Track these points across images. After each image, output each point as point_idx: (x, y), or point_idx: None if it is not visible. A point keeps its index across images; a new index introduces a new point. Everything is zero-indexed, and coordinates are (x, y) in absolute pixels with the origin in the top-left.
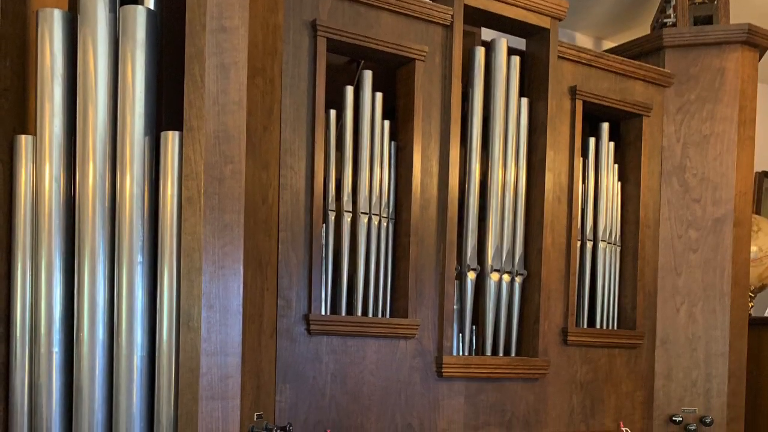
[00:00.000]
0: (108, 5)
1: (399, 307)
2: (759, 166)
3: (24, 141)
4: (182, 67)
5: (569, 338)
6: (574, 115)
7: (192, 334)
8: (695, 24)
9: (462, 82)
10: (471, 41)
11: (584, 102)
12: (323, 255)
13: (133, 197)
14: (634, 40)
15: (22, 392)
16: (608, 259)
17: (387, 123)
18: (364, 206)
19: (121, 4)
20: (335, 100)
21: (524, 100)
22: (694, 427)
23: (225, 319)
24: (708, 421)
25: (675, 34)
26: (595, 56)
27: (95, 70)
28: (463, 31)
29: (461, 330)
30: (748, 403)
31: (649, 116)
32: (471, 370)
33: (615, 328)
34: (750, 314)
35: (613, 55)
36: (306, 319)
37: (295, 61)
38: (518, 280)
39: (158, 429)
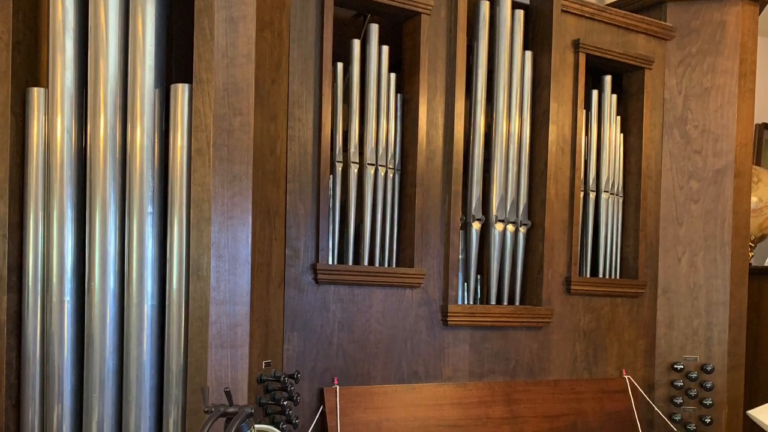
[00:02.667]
0: None
1: (405, 257)
2: (759, 118)
3: (36, 93)
4: (192, 20)
5: (572, 287)
6: (577, 68)
7: (201, 283)
8: None
9: (467, 35)
10: None
11: (587, 55)
12: (330, 205)
13: (144, 149)
14: None
15: (35, 341)
16: (611, 209)
17: (393, 76)
18: (370, 157)
19: None
20: (342, 54)
21: (528, 54)
22: (695, 375)
23: (234, 268)
24: (709, 368)
25: None
26: (598, 10)
27: (106, 23)
28: None
29: (466, 279)
30: (749, 351)
31: (650, 69)
32: (476, 319)
33: (617, 277)
34: (750, 264)
35: (615, 9)
36: (313, 268)
37: (302, 14)
38: (522, 230)
39: (168, 376)
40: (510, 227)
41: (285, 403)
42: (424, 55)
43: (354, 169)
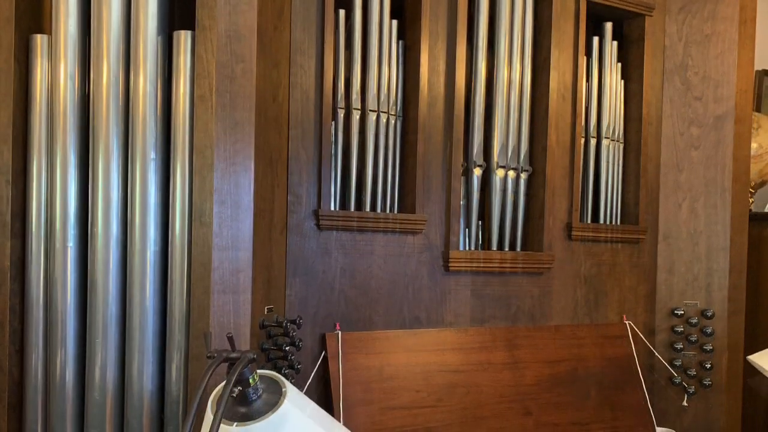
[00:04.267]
0: None
1: (407, 203)
2: (759, 65)
3: (39, 40)
4: None
5: (573, 233)
6: (578, 14)
7: (204, 229)
8: None
9: None
10: None
11: (588, 2)
12: (332, 152)
13: (147, 95)
14: None
15: (38, 286)
16: (611, 155)
17: (395, 22)
18: (372, 104)
19: None
20: (344, 0)
21: (529, 0)
22: (695, 320)
23: (236, 214)
24: (709, 314)
25: None
26: None
27: None
28: None
29: (467, 225)
30: (749, 297)
31: (651, 16)
32: (477, 265)
33: (618, 223)
34: (750, 210)
35: None
36: (315, 214)
37: None
38: (523, 176)
39: (171, 322)
40: (511, 173)
41: (287, 348)
42: (426, 2)
43: (356, 116)
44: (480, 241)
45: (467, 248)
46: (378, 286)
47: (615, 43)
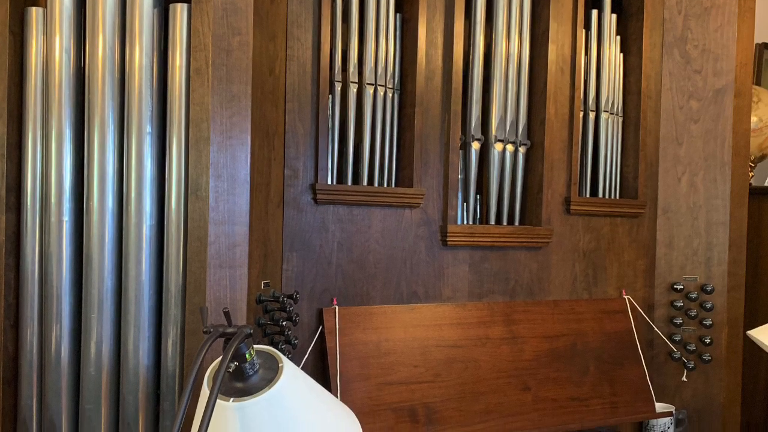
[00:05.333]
0: None
1: (404, 177)
2: (759, 38)
3: (35, 13)
4: None
5: (572, 207)
6: None
7: (200, 203)
8: None
9: None
10: None
11: None
12: (329, 125)
13: (142, 68)
14: None
15: (33, 261)
16: (610, 129)
17: None
18: (369, 77)
19: None
20: None
21: None
22: (695, 295)
23: (232, 188)
24: (709, 289)
25: None
26: None
27: None
28: None
29: (465, 199)
30: (749, 272)
31: None
32: (475, 239)
33: (617, 197)
34: (750, 184)
35: None
36: (312, 188)
37: None
38: (522, 150)
39: (167, 296)
40: (509, 147)
41: (284, 323)
42: None
43: (353, 89)
44: (478, 216)
45: (465, 223)
46: (375, 260)
47: (614, 15)
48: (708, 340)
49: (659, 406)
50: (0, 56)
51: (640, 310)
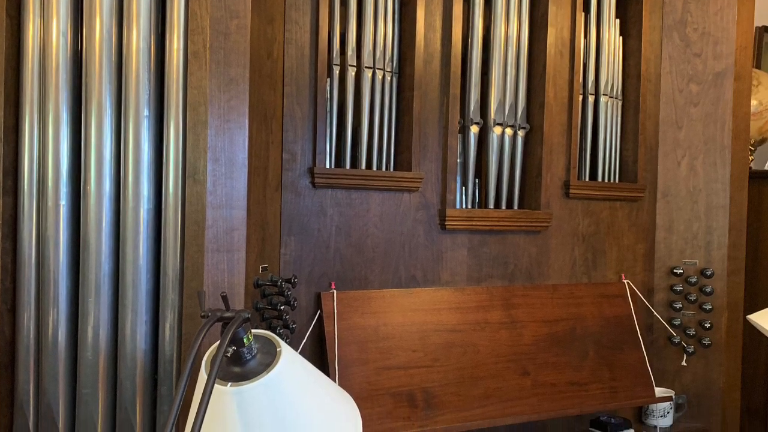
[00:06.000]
0: None
1: (403, 161)
2: (759, 21)
3: None
4: None
5: (571, 191)
6: None
7: (198, 186)
8: None
9: None
10: None
11: None
12: (327, 109)
13: (140, 52)
14: None
15: (30, 245)
16: (610, 112)
17: None
18: (368, 61)
19: None
20: None
21: None
22: (694, 279)
23: (230, 172)
24: (708, 273)
25: None
26: None
27: None
28: None
29: (464, 183)
30: (749, 256)
31: None
32: (474, 223)
33: (616, 181)
34: (750, 167)
35: None
36: (310, 172)
37: None
38: (521, 133)
39: (164, 281)
40: (508, 131)
41: (282, 307)
42: None
43: (351, 73)
44: (477, 200)
45: (464, 207)
46: (374, 244)
47: None
48: (708, 325)
49: (659, 391)
50: None
51: (639, 294)
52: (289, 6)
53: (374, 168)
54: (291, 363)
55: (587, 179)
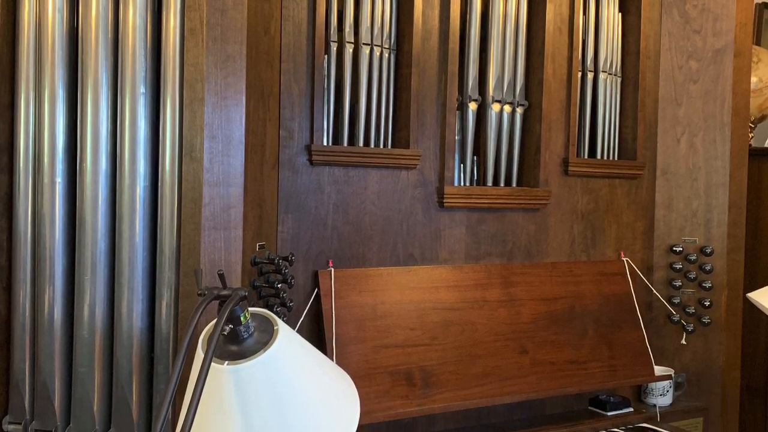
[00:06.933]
0: None
1: (401, 138)
2: None
3: None
4: None
5: (570, 169)
6: None
7: (194, 164)
8: None
9: None
10: None
11: None
12: (325, 86)
13: (136, 28)
14: None
15: (26, 222)
16: (609, 89)
17: None
18: (366, 37)
19: None
20: None
21: None
22: (694, 257)
23: (227, 149)
24: (708, 251)
25: None
26: None
27: None
28: None
29: (462, 160)
30: (749, 234)
31: None
32: (472, 201)
33: (615, 158)
34: (750, 145)
35: None
36: (308, 149)
37: None
38: (519, 110)
39: (161, 259)
40: (507, 108)
41: (279, 285)
42: None
43: (349, 49)
44: (475, 177)
45: (462, 184)
46: (371, 222)
47: None
48: (707, 303)
49: (658, 370)
50: None
51: (638, 272)
52: None
53: (372, 145)
54: (288, 341)
55: (586, 156)
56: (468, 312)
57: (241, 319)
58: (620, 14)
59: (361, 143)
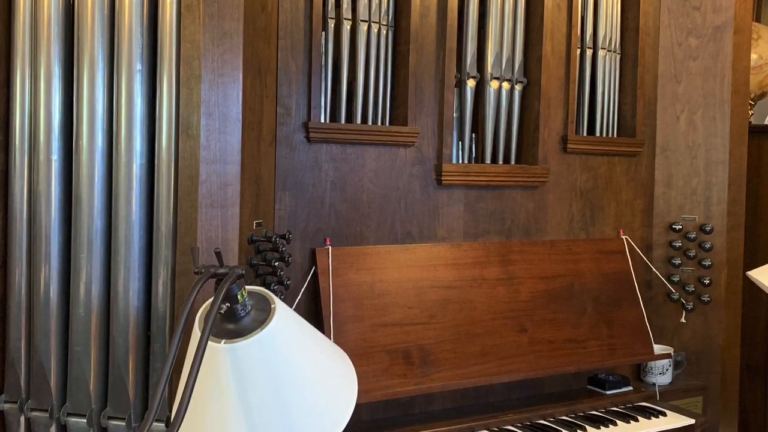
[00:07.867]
0: None
1: (398, 115)
2: None
3: None
4: None
5: (569, 146)
6: None
7: (191, 141)
8: None
9: None
10: None
11: None
12: (323, 63)
13: (132, 5)
14: None
15: (21, 200)
16: (608, 66)
17: None
18: (363, 14)
19: None
20: None
21: None
22: (693, 235)
23: (224, 126)
24: (708, 228)
25: None
26: None
27: None
28: None
29: (461, 138)
30: (748, 211)
31: None
32: (470, 178)
33: (615, 135)
34: (750, 122)
35: None
36: (305, 126)
37: None
38: (518, 87)
39: (157, 236)
40: (505, 85)
41: (276, 263)
42: None
43: (347, 26)
44: (473, 155)
45: (460, 162)
46: (369, 200)
47: None
48: (707, 281)
49: (657, 348)
50: None
51: (638, 250)
52: None
53: (370, 122)
54: (285, 320)
55: (585, 134)
56: (466, 290)
57: (238, 297)
58: None
59: (358, 120)
